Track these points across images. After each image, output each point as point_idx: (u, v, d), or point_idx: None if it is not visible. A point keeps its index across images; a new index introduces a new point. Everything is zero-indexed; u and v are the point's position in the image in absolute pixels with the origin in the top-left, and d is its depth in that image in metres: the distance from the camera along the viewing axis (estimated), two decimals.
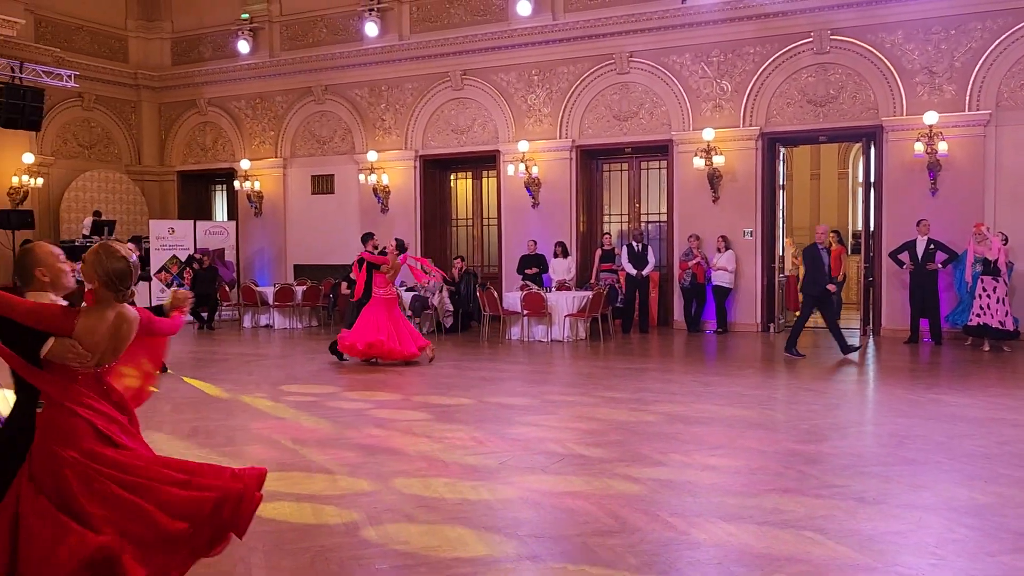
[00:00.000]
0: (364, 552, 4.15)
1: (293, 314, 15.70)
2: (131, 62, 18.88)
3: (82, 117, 18.10)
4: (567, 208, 15.43)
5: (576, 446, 6.32)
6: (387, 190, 16.82)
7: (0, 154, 15.57)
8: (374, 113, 17.05)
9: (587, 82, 15.11)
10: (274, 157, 18.11)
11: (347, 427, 7.09)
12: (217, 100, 18.74)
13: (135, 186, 18.90)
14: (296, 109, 17.87)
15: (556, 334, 13.13)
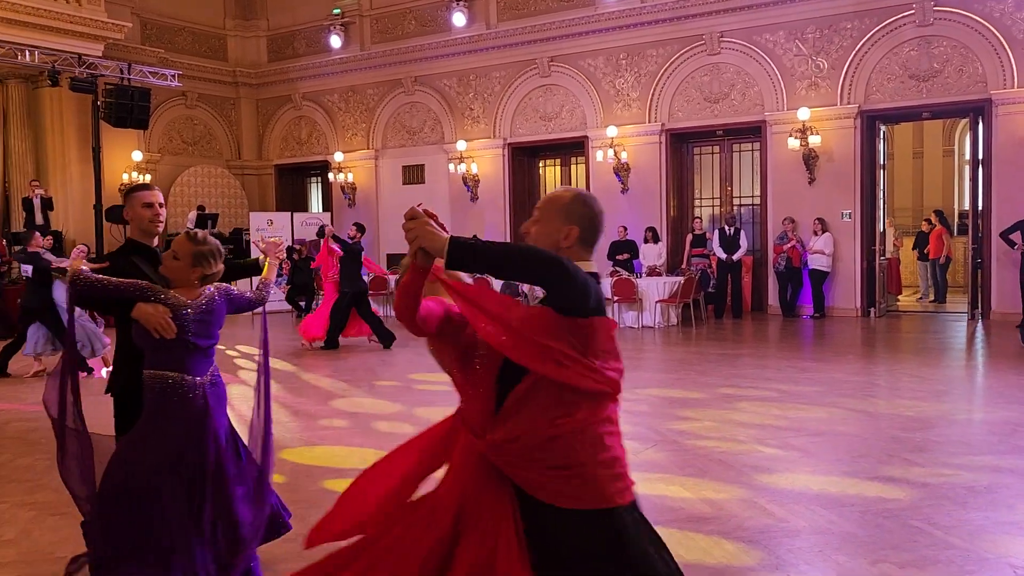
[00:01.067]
0: None
1: (387, 302, 16.01)
2: (230, 60, 19.54)
3: (185, 115, 18.86)
4: (657, 193, 15.25)
5: (669, 432, 6.27)
6: (476, 179, 16.96)
7: (111, 152, 16.35)
8: (463, 102, 17.20)
9: (676, 64, 14.87)
10: (366, 149, 18.48)
11: (423, 408, 7.19)
12: (311, 95, 19.23)
13: (235, 180, 19.59)
14: (387, 101, 18.18)
15: (647, 320, 13.03)
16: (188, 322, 3.27)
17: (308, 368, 9.92)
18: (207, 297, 3.39)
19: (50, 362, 9.28)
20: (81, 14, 15.27)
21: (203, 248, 3.37)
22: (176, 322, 3.23)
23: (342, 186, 18.59)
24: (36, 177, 16.04)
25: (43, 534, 4.37)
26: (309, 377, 9.28)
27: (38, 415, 7.47)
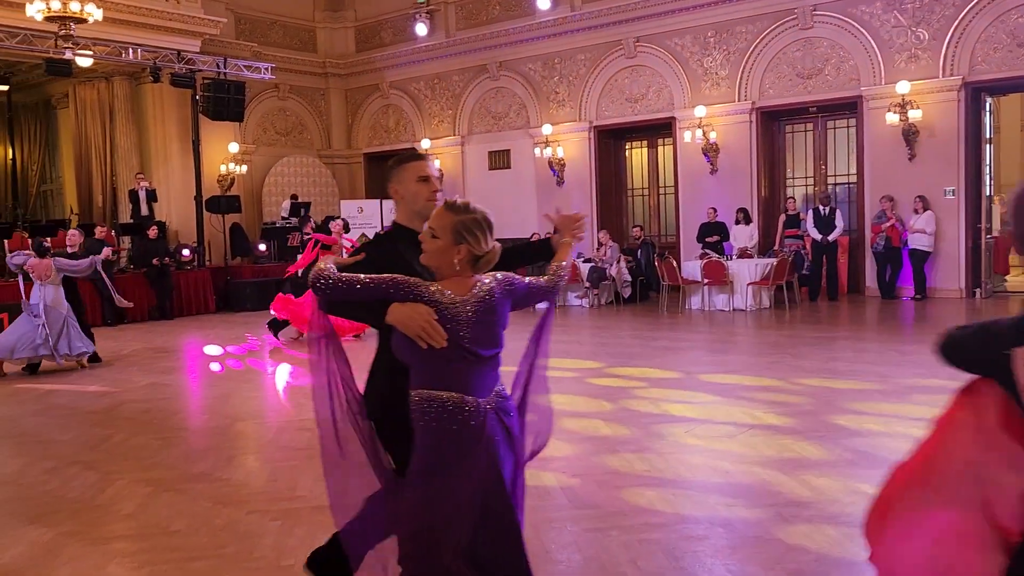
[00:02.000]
0: (556, 515, 4.26)
1: None
2: (319, 52, 19.96)
3: (278, 106, 19.37)
4: (747, 173, 14.92)
5: (764, 415, 6.16)
6: (562, 163, 16.92)
7: (209, 144, 16.94)
8: (548, 86, 17.15)
9: (767, 40, 14.48)
10: (452, 135, 18.64)
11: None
12: (398, 83, 19.49)
13: (326, 169, 20.04)
14: (472, 87, 18.28)
15: (738, 303, 12.80)
16: (461, 325, 2.52)
17: None
18: (484, 289, 2.61)
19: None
20: (179, 11, 15.83)
21: (466, 218, 2.60)
22: (445, 325, 2.49)
23: None
24: (141, 170, 16.75)
25: (158, 509, 4.60)
26: None
27: (148, 397, 7.86)
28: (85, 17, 11.61)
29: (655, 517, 4.16)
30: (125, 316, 13.54)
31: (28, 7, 11.60)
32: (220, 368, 9.52)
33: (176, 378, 9.09)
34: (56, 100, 19.14)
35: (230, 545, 4.01)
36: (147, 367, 9.61)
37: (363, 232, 17.30)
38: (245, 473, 5.31)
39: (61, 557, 3.95)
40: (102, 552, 3.99)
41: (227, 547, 3.99)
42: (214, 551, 3.95)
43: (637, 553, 3.73)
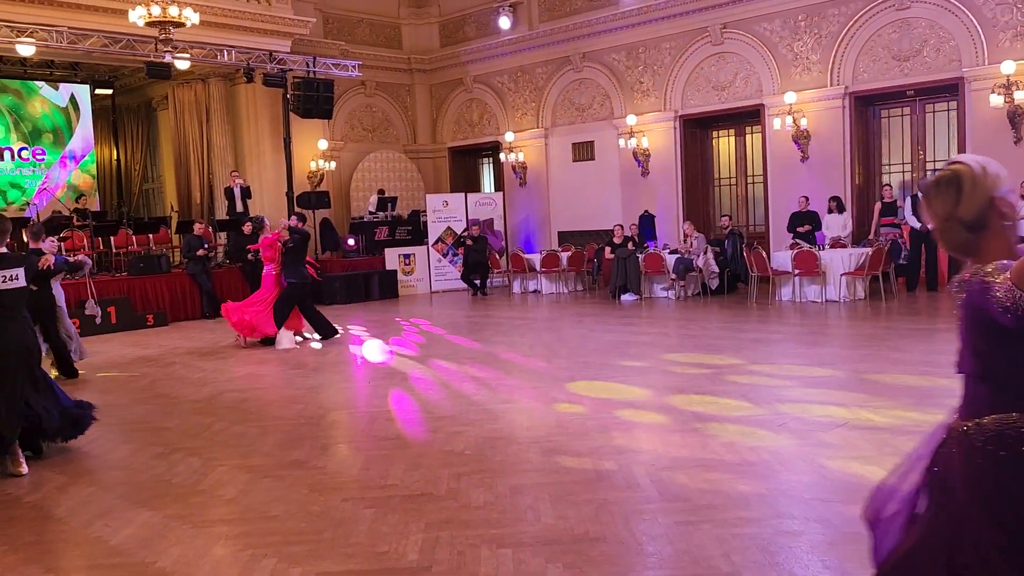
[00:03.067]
0: (646, 507, 4.23)
1: (559, 279, 16.16)
2: (405, 48, 20.23)
3: (365, 103, 19.72)
4: (840, 160, 14.46)
5: (861, 409, 5.98)
6: (647, 153, 16.74)
7: (300, 142, 17.38)
8: (632, 76, 16.98)
9: (861, 22, 13.99)
10: (536, 128, 18.64)
11: (617, 386, 7.21)
12: (482, 77, 19.59)
13: (412, 164, 20.32)
14: (555, 79, 18.24)
15: (831, 294, 12.44)
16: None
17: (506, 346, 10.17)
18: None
19: None
20: (271, 13, 16.27)
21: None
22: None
23: (513, 166, 18.87)
24: (235, 168, 17.30)
25: (258, 495, 4.76)
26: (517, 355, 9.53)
27: (245, 387, 8.13)
28: (183, 21, 12.03)
29: (748, 511, 4.09)
30: (220, 310, 13.98)
31: (130, 13, 12.09)
32: (313, 359, 9.77)
33: (271, 369, 9.38)
34: (156, 102, 19.94)
35: (326, 531, 4.13)
36: (243, 358, 9.94)
37: (449, 225, 17.45)
38: (339, 461, 5.45)
39: (169, 539, 4.13)
40: (207, 535, 4.16)
41: (324, 533, 4.10)
42: (311, 536, 4.06)
43: (730, 547, 3.67)
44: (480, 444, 5.57)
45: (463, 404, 6.83)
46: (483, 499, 4.47)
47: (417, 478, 4.90)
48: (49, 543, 4.21)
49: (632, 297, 14.24)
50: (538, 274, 16.25)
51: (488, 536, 3.94)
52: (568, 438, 5.60)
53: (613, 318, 12.16)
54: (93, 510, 4.63)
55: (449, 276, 17.41)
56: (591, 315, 12.66)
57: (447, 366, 8.68)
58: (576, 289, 16.44)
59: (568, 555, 3.68)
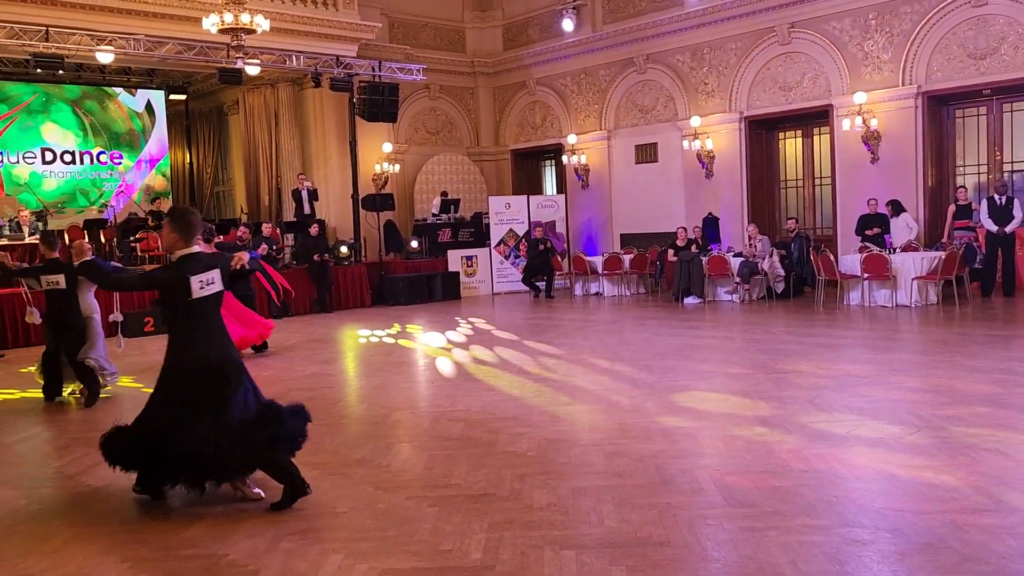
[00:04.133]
0: (710, 512, 4.19)
1: (621, 282, 16.09)
2: (468, 51, 20.39)
3: (429, 106, 19.93)
4: (912, 162, 14.09)
5: (933, 417, 5.82)
6: (711, 155, 16.55)
7: (365, 145, 17.65)
8: (696, 77, 16.81)
9: (935, 20, 13.62)
10: (598, 130, 18.60)
11: (680, 390, 7.16)
12: (545, 79, 19.63)
13: (475, 166, 20.46)
14: (619, 81, 18.17)
15: (902, 299, 12.12)
16: None
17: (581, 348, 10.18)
18: None
19: None
20: (338, 18, 16.57)
21: None
22: None
23: (575, 168, 18.86)
24: (303, 171, 17.66)
25: (325, 491, 4.85)
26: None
27: (312, 385, 8.29)
28: (254, 28, 12.34)
29: (815, 519, 4.03)
30: (289, 309, 14.31)
31: (204, 21, 12.45)
32: (375, 360, 9.92)
33: (336, 368, 9.54)
34: (227, 107, 20.47)
35: (391, 528, 4.19)
36: (310, 357, 10.14)
37: (511, 227, 17.51)
38: (403, 460, 5.52)
39: (240, 532, 4.25)
40: (276, 529, 4.26)
41: (389, 530, 4.17)
42: (377, 533, 4.13)
43: (797, 554, 3.62)
44: (542, 446, 5.59)
45: (525, 405, 6.86)
46: (546, 500, 4.49)
47: (480, 478, 4.94)
48: (128, 534, 4.36)
49: (695, 300, 14.09)
50: (600, 276, 16.20)
51: (551, 537, 3.95)
52: (630, 441, 5.58)
53: (676, 321, 12.05)
54: (168, 503, 4.78)
55: (511, 278, 17.47)
56: (654, 318, 12.58)
57: (509, 368, 8.73)
58: (638, 292, 16.34)
59: (631, 558, 3.67)
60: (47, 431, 6.90)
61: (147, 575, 3.78)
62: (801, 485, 4.52)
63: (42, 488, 5.25)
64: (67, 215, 17.44)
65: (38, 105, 17.59)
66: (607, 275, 16.05)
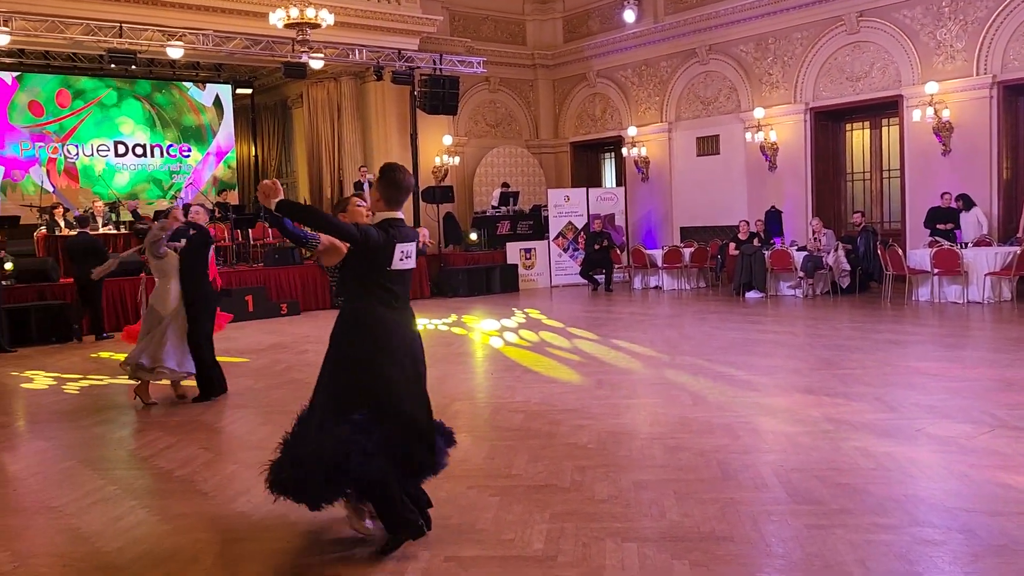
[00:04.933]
0: (775, 508, 4.14)
1: (681, 275, 15.94)
2: (528, 44, 20.38)
3: (489, 99, 19.99)
4: (985, 154, 13.63)
5: (1008, 416, 5.65)
6: (775, 147, 16.26)
7: (425, 137, 17.79)
8: (760, 68, 16.52)
9: (1011, 8, 13.14)
10: (659, 122, 18.42)
11: (741, 385, 7.07)
12: (605, 71, 19.51)
13: (534, 159, 20.45)
14: (680, 72, 17.96)
15: (974, 295, 11.77)
16: None
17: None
18: None
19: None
20: (400, 12, 16.71)
21: None
22: None
23: (635, 160, 18.72)
24: (364, 163, 17.87)
25: None
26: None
27: None
28: (319, 23, 12.53)
29: (884, 517, 3.94)
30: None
31: (270, 16, 12.69)
32: (437, 351, 10.01)
33: None
34: (291, 101, 20.82)
35: (453, 517, 4.23)
36: None
37: (570, 220, 17.47)
38: (464, 450, 5.55)
39: (305, 517, 4.33)
40: (343, 515, 4.33)
41: (451, 519, 4.21)
42: (439, 521, 4.17)
43: (865, 553, 3.55)
44: (603, 438, 5.58)
45: (584, 398, 6.85)
46: (607, 492, 4.48)
47: (541, 469, 4.96)
48: (198, 516, 4.49)
49: (757, 295, 13.89)
50: (659, 270, 16.07)
51: (612, 529, 3.95)
52: (692, 435, 5.53)
53: (737, 316, 11.90)
54: (236, 487, 4.91)
55: (569, 271, 17.44)
56: (714, 312, 12.43)
57: (567, 360, 8.72)
58: (698, 286, 16.17)
59: (694, 552, 3.65)
60: (123, 415, 7.13)
61: (216, 557, 3.88)
62: (869, 483, 4.43)
63: (117, 470, 5.43)
64: (138, 206, 17.94)
65: (111, 99, 18.12)
66: (667, 269, 15.91)
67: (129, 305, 12.50)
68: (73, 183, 17.57)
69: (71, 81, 17.60)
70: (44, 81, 17.30)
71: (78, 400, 7.65)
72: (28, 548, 4.12)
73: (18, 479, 5.30)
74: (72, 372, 9.20)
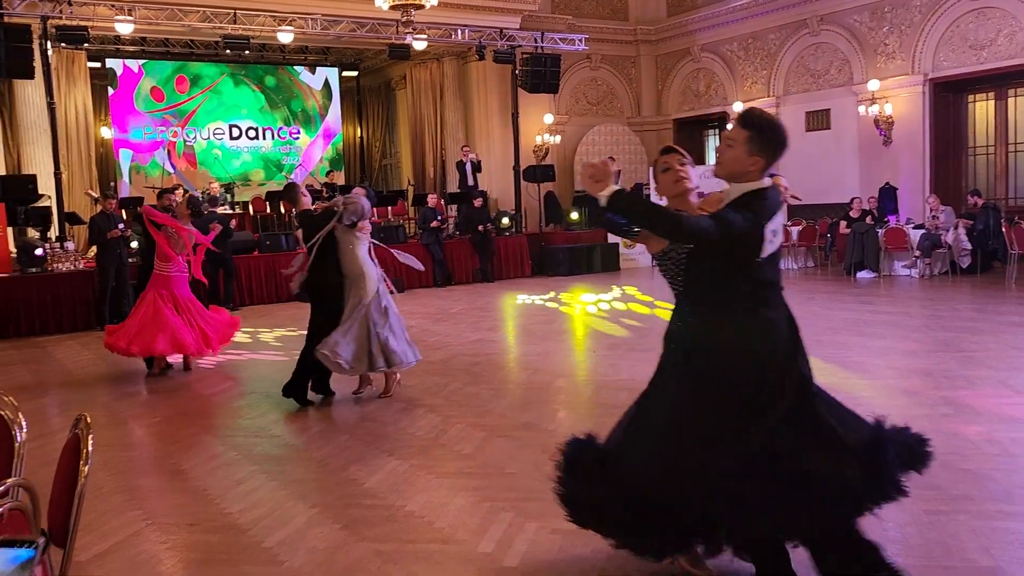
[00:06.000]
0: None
1: (788, 255, 15.48)
2: (631, 19, 20.07)
3: (590, 76, 19.82)
4: None
5: None
6: (890, 120, 15.56)
7: (527, 116, 17.79)
8: (875, 38, 15.81)
9: None
10: (766, 96, 17.87)
11: (853, 367, 6.84)
12: (710, 45, 19.05)
13: (635, 136, 20.19)
14: (789, 44, 17.36)
15: None
16: None
17: None
18: None
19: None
20: None
21: None
22: None
23: None
24: (466, 143, 18.04)
25: (493, 452, 5.00)
26: None
27: (477, 351, 8.51)
28: (422, 3, 12.66)
29: (1010, 504, 3.77)
30: (452, 278, 14.76)
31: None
32: (536, 327, 10.06)
33: (499, 335, 9.75)
34: (395, 82, 21.17)
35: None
36: (474, 324, 10.41)
37: None
38: (568, 426, 5.56)
39: (416, 486, 4.46)
40: (448, 485, 4.44)
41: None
42: (546, 495, 4.17)
43: (989, 541, 3.41)
44: None
45: None
46: None
47: None
48: (313, 482, 4.67)
49: (869, 275, 13.38)
50: None
51: None
52: None
53: (848, 296, 11.51)
54: (348, 455, 5.08)
55: None
56: (824, 292, 12.05)
57: None
58: (806, 265, 15.70)
59: None
60: (240, 386, 7.46)
61: (332, 520, 4.03)
62: (993, 469, 4.24)
63: (236, 436, 5.70)
64: (251, 187, 18.64)
65: (226, 84, 18.83)
66: None
67: (254, 280, 13.12)
68: (192, 165, 18.37)
69: (188, 67, 18.37)
70: (164, 68, 18.11)
71: (200, 372, 8.04)
72: (159, 507, 4.38)
73: (147, 443, 5.63)
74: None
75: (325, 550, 3.67)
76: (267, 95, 19.25)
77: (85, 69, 16.38)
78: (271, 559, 3.61)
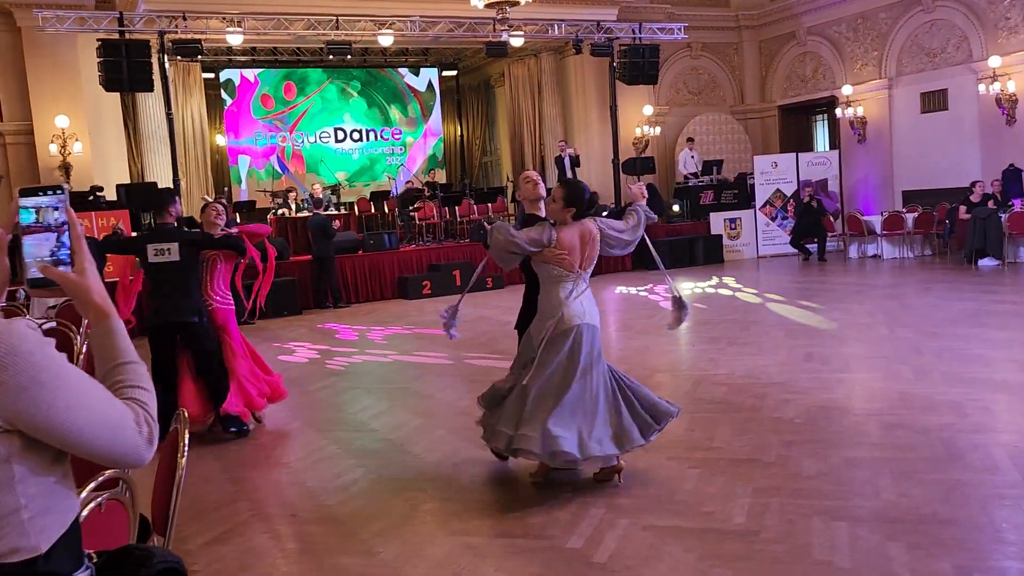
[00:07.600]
0: (1008, 492, 3.78)
1: (903, 243, 14.81)
2: (732, 5, 19.57)
3: (690, 66, 19.44)
4: None
5: None
6: (1013, 99, 14.65)
7: (625, 109, 17.58)
8: (995, 12, 14.91)
9: None
10: (878, 79, 17.12)
11: (972, 359, 6.47)
12: (816, 28, 18.38)
13: (738, 125, 19.69)
14: (902, 23, 16.57)
15: None
16: None
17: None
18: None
19: None
20: None
21: None
22: None
23: (851, 121, 17.53)
24: (564, 137, 17.99)
25: None
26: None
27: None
28: (518, 1, 12.68)
29: None
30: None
31: None
32: (632, 320, 9.95)
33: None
34: (493, 80, 21.31)
35: (652, 487, 4.21)
36: None
37: (778, 188, 16.72)
38: None
39: (507, 483, 4.47)
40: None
41: (649, 488, 4.19)
42: (638, 491, 4.17)
43: None
44: (812, 413, 5.32)
45: (792, 371, 6.56)
46: (815, 469, 4.28)
47: (744, 443, 4.82)
48: (410, 476, 4.75)
49: (992, 262, 12.65)
50: (878, 238, 15.02)
51: (821, 507, 3.77)
52: (913, 412, 5.15)
53: (968, 285, 10.91)
54: (444, 449, 5.15)
55: (778, 241, 16.69)
56: (941, 282, 11.47)
57: (774, 332, 8.38)
58: (923, 254, 14.96)
59: (912, 535, 3.41)
60: (341, 382, 7.67)
61: (425, 514, 4.09)
62: None
63: (337, 431, 5.86)
64: (357, 188, 19.13)
65: (331, 89, 19.37)
66: (887, 236, 14.84)
67: (358, 277, 13.57)
68: (300, 168, 19.00)
69: (295, 74, 18.99)
70: (272, 75, 18.79)
71: (305, 368, 8.30)
72: (264, 498, 4.55)
73: (254, 438, 5.85)
74: (300, 341, 9.99)
75: (417, 543, 3.73)
76: (371, 97, 19.70)
77: (200, 80, 17.16)
78: (367, 550, 3.70)
